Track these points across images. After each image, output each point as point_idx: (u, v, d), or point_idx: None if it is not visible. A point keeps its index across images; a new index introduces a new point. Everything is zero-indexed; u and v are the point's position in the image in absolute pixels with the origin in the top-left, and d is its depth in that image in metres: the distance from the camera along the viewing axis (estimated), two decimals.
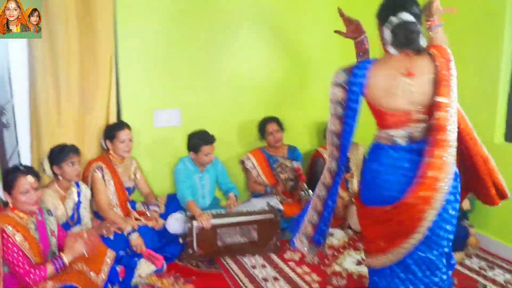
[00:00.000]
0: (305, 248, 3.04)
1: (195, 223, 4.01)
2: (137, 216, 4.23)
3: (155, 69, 4.63)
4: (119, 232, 3.98)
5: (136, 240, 3.96)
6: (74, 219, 3.91)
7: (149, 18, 4.54)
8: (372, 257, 2.84)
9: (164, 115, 4.73)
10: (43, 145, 4.12)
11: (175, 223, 4.20)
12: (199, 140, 4.36)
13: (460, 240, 4.03)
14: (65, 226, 3.77)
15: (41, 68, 4.10)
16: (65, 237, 3.36)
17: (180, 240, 4.20)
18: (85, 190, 4.05)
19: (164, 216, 4.30)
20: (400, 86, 2.60)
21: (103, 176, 4.16)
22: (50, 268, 3.11)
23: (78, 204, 3.97)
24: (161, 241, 4.15)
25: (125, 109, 4.58)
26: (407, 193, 2.58)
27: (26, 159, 4.36)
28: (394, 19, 2.60)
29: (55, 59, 4.12)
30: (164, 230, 4.21)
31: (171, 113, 4.76)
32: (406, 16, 2.58)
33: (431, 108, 2.59)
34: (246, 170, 4.96)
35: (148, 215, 4.28)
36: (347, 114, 2.72)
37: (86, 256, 3.29)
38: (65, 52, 4.13)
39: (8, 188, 3.15)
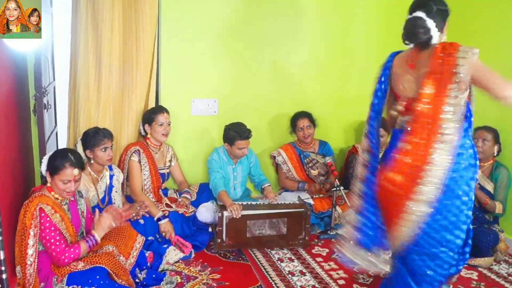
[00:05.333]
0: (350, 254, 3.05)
1: (225, 213, 4.02)
2: (169, 203, 4.27)
3: (195, 58, 4.67)
4: (147, 216, 4.03)
5: (165, 226, 4.01)
6: (105, 202, 3.98)
7: (193, 8, 4.57)
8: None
9: (201, 104, 4.77)
10: (80, 127, 4.20)
11: (205, 212, 4.24)
12: (234, 133, 4.35)
13: (489, 245, 4.01)
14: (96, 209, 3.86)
15: (83, 50, 4.16)
16: (92, 219, 3.43)
17: (210, 229, 4.25)
18: (118, 174, 4.11)
19: (196, 204, 4.34)
20: (404, 76, 2.84)
21: (139, 161, 4.21)
22: (83, 247, 3.20)
23: (110, 188, 4.03)
24: (191, 229, 4.20)
25: (163, 96, 4.63)
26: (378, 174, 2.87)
27: (63, 140, 4.45)
28: (408, 16, 2.80)
29: (98, 41, 4.17)
30: (194, 218, 4.26)
31: (209, 102, 4.80)
32: (418, 14, 2.72)
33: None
34: (276, 165, 4.96)
35: (179, 200, 4.33)
36: (372, 102, 3.02)
37: (114, 226, 3.38)
38: (108, 35, 4.18)
39: (51, 171, 3.20)
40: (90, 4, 4.10)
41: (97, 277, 3.15)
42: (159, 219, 4.03)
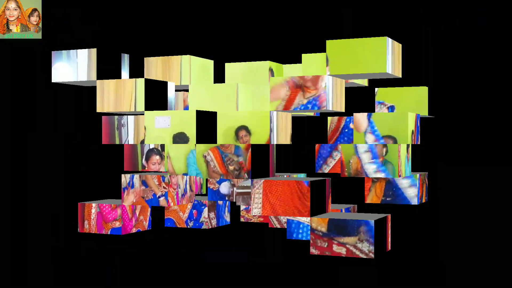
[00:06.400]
0: None
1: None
2: (165, 186, 4.96)
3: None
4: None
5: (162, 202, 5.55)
6: None
7: None
8: None
9: (160, 120, 5.54)
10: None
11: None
12: (179, 140, 5.48)
13: (354, 227, 4.23)
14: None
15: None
16: None
17: None
18: None
19: None
20: None
21: None
22: (118, 211, 4.95)
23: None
24: None
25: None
26: None
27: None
28: None
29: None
30: None
31: (165, 119, 5.51)
32: None
33: None
34: (207, 163, 5.62)
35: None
36: None
37: (135, 201, 4.83)
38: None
39: (146, 158, 5.38)
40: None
41: (169, 224, 5.34)
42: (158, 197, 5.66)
